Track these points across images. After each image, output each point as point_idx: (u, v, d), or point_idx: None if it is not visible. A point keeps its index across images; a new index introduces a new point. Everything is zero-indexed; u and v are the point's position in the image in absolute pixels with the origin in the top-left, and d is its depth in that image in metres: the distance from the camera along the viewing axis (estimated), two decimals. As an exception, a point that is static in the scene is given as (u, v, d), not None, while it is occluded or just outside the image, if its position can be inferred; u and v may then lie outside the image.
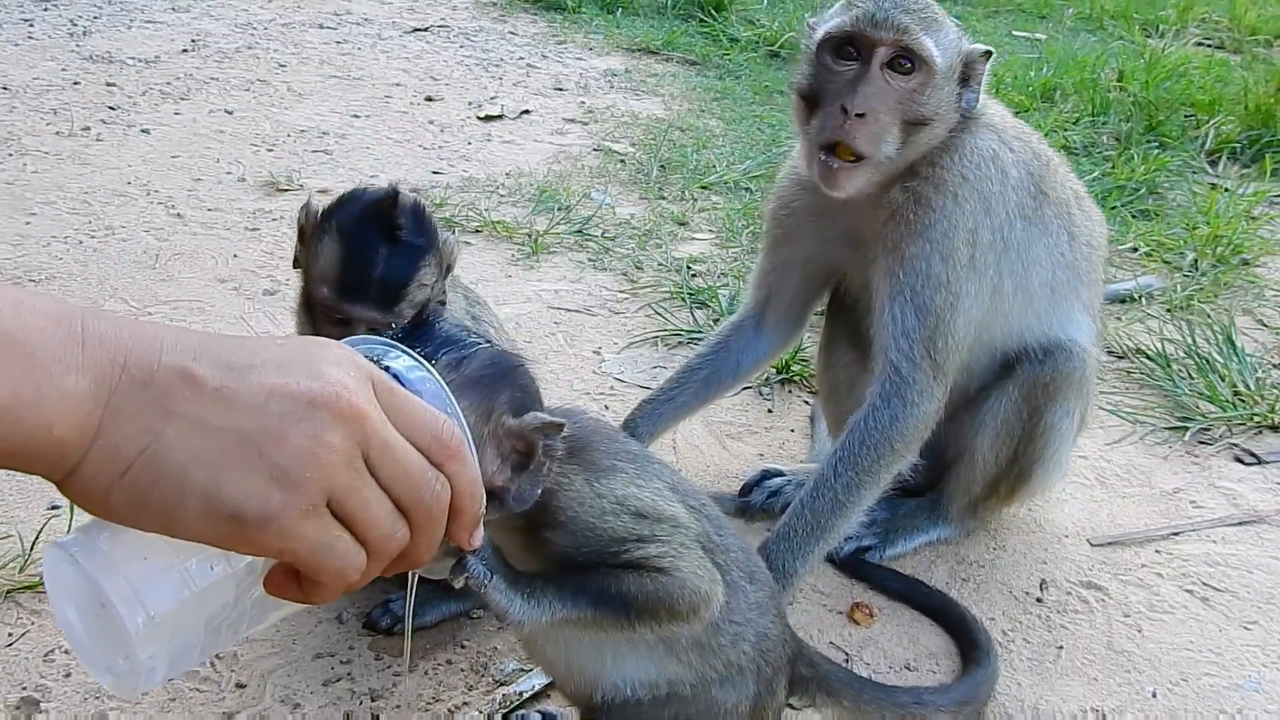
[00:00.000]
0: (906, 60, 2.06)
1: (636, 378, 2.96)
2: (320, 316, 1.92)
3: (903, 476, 2.21)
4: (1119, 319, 3.47)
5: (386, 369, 1.08)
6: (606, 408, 2.82)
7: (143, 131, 4.42)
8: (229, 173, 4.11)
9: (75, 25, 5.74)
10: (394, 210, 1.89)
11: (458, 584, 1.35)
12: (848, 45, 2.08)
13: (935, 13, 2.12)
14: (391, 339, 1.18)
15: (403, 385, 1.06)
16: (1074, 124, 5.15)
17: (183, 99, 4.83)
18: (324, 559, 0.94)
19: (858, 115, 2.03)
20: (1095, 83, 5.52)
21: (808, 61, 2.15)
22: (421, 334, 1.31)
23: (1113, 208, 4.20)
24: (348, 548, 0.94)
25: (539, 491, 1.35)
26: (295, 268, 2.03)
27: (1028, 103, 5.31)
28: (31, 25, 5.64)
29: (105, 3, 6.26)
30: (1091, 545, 2.47)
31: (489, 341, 1.39)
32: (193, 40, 5.67)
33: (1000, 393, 2.29)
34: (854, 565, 2.33)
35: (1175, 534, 2.51)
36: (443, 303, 1.99)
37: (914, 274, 2.12)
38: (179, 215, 3.73)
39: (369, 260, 1.88)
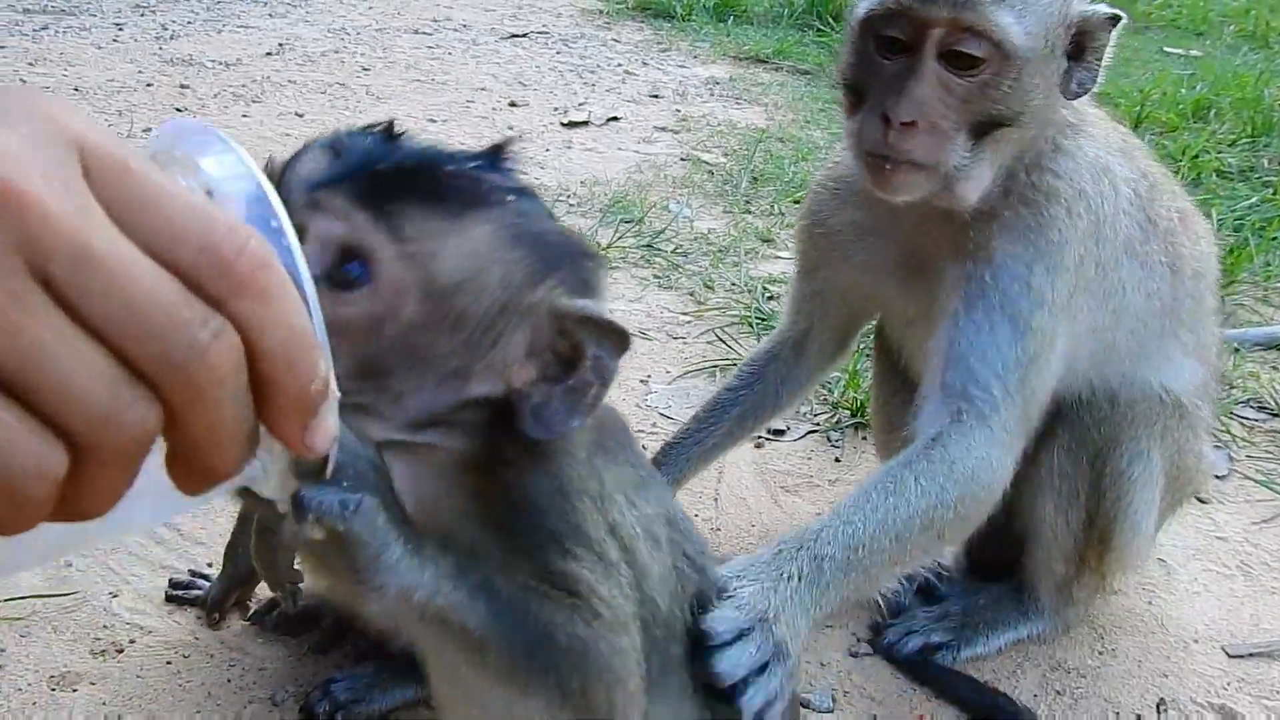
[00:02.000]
0: (973, 44, 1.50)
1: (685, 414, 2.52)
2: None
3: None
4: (1276, 368, 2.92)
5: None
6: (645, 448, 2.41)
7: (205, 133, 4.20)
8: (285, 175, 3.84)
9: (165, 30, 5.61)
10: None
11: (309, 530, 0.83)
12: (893, 28, 1.54)
13: None
14: None
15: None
16: (1230, 145, 4.56)
17: (254, 101, 4.61)
18: None
19: (904, 124, 1.52)
20: (1257, 101, 4.92)
21: (850, 44, 1.63)
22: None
23: (1273, 238, 3.62)
24: (25, 441, 0.52)
25: (574, 424, 0.95)
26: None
27: (1177, 121, 4.75)
28: (121, 29, 5.53)
29: (203, 8, 6.16)
30: (1228, 655, 1.95)
31: None
32: (280, 44, 5.48)
33: (1052, 441, 1.78)
34: (918, 666, 1.86)
35: (1339, 645, 1.98)
36: None
37: (1011, 279, 1.61)
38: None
39: None
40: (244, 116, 4.43)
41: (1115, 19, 1.59)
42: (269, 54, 5.33)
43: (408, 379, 0.92)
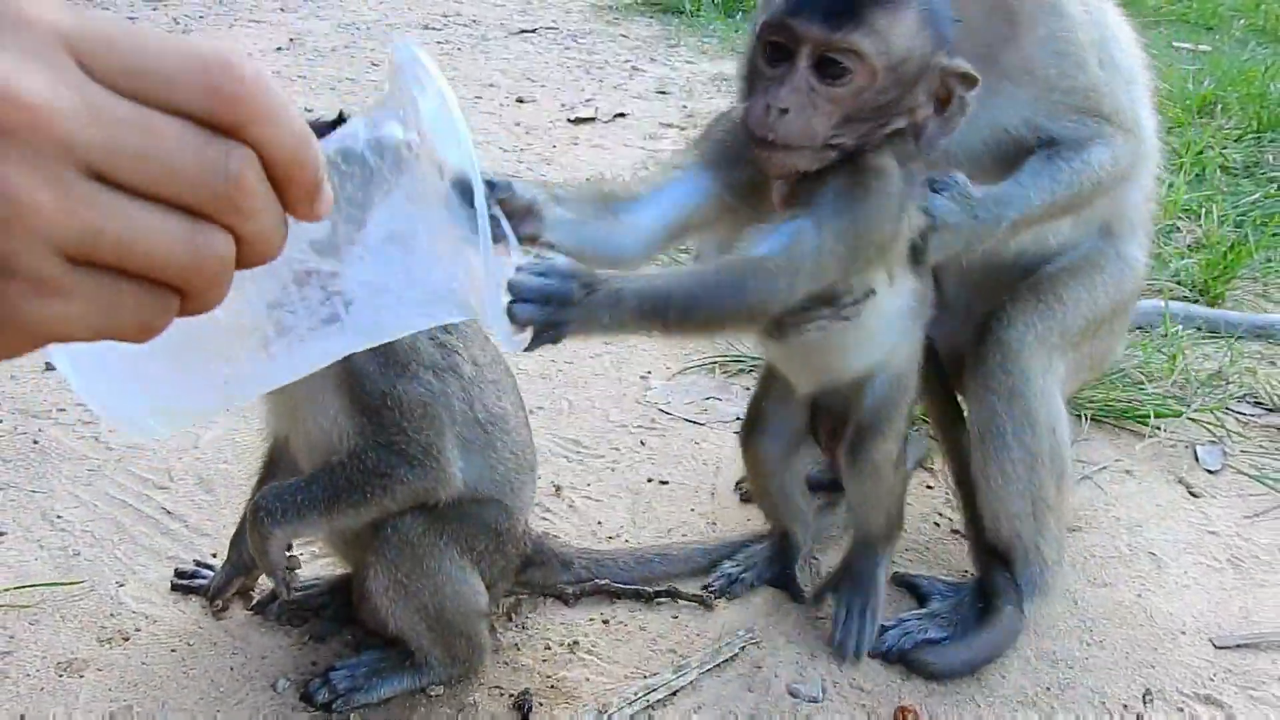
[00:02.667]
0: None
1: (683, 409, 2.58)
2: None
3: None
4: (1274, 364, 2.93)
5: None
6: (643, 443, 2.45)
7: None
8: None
9: (178, 24, 5.66)
10: None
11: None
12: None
13: None
14: None
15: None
16: (1236, 141, 4.56)
17: (265, 95, 4.65)
18: (112, 327, 0.60)
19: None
20: (1263, 96, 4.92)
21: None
22: None
23: (1274, 234, 3.63)
24: (139, 300, 0.60)
25: (945, 140, 1.52)
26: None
27: (1183, 117, 4.73)
28: (133, 23, 5.59)
29: (215, 2, 6.21)
30: (1215, 647, 1.98)
31: None
32: (290, 39, 5.53)
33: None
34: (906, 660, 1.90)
35: (1326, 638, 2.01)
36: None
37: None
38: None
39: None
40: (254, 113, 4.47)
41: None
42: (280, 49, 5.38)
43: (866, 124, 1.46)
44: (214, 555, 2.00)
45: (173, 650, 1.83)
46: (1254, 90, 4.98)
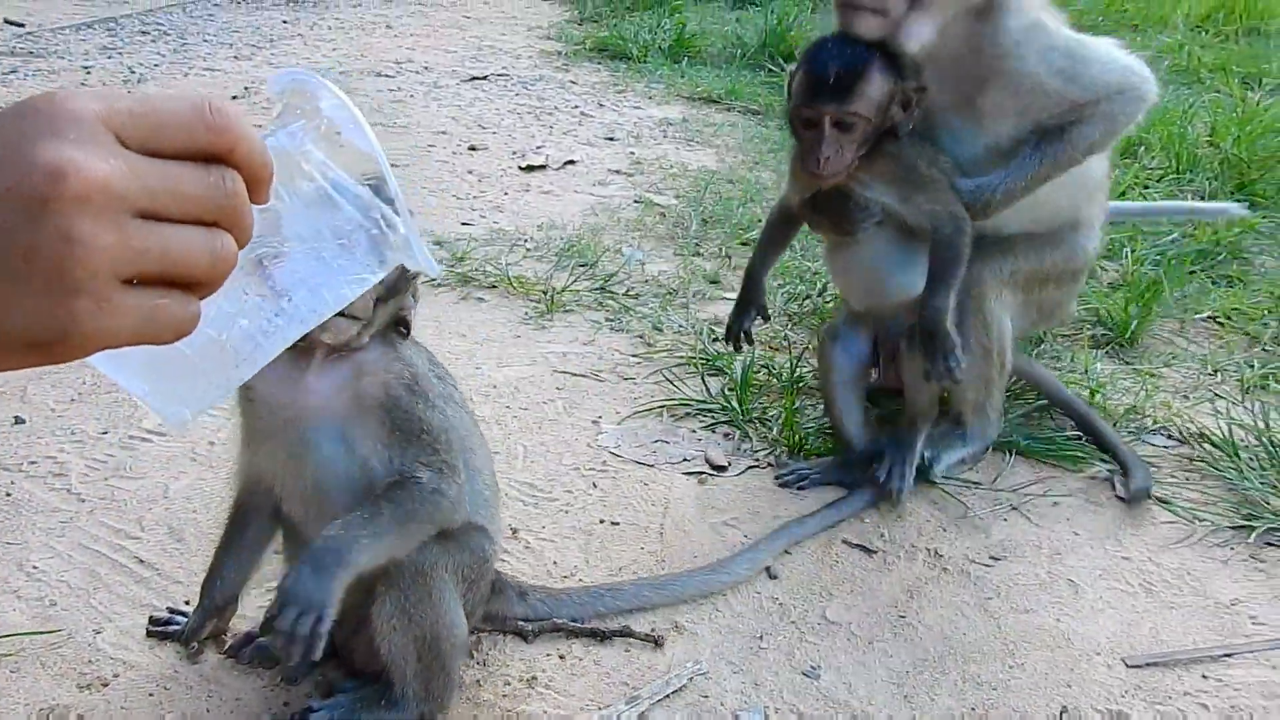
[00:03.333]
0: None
1: (633, 452, 2.71)
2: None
3: None
4: (1186, 397, 3.12)
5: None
6: (595, 485, 2.58)
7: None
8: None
9: (133, 73, 5.77)
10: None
11: None
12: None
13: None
14: None
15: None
16: (1157, 181, 4.79)
17: (222, 146, 4.75)
18: (151, 332, 0.83)
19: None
20: (1182, 137, 5.16)
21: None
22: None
23: (1190, 272, 3.85)
24: (170, 307, 0.83)
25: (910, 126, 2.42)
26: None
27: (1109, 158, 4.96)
28: (89, 72, 5.68)
29: (169, 50, 6.32)
30: (1127, 666, 2.13)
31: None
32: (246, 88, 5.64)
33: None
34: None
35: (1227, 655, 2.17)
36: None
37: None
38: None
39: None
40: (211, 164, 4.56)
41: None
42: (235, 97, 5.48)
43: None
44: (187, 602, 2.10)
45: (150, 695, 1.92)
46: (1174, 131, 5.23)
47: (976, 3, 2.43)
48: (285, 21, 7.37)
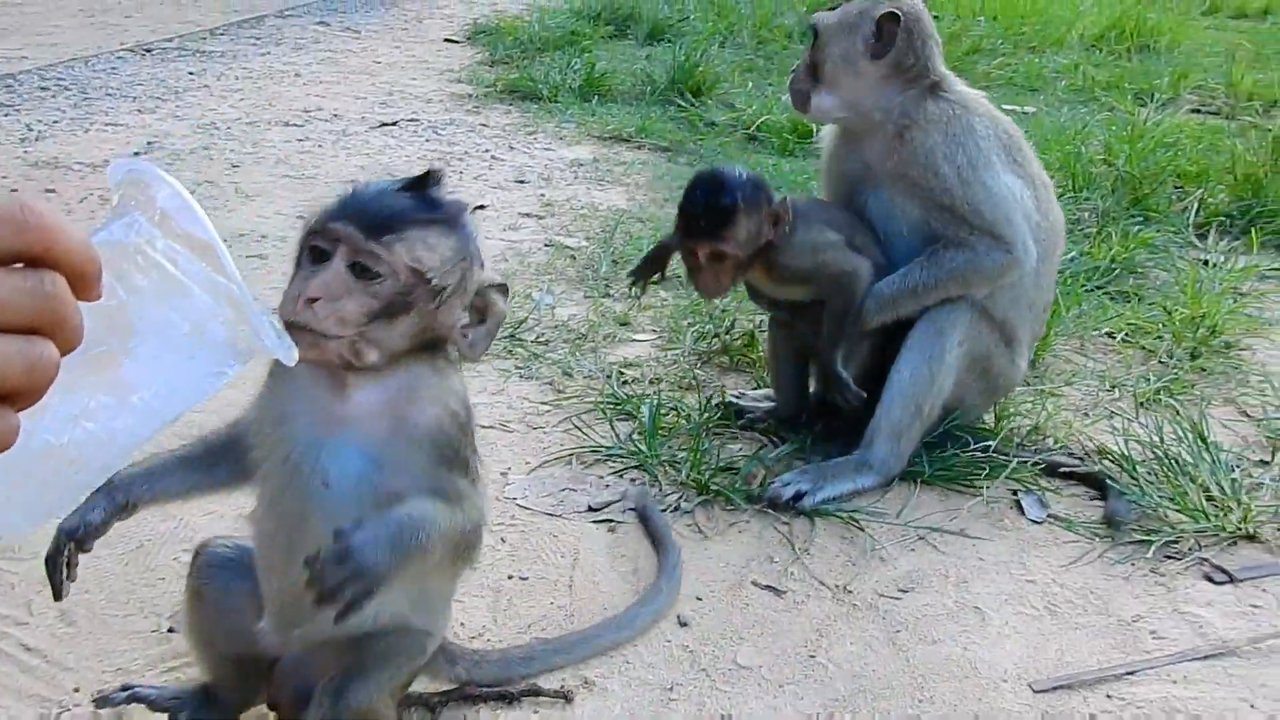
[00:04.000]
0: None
1: (541, 503, 2.70)
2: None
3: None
4: (1086, 415, 3.19)
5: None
6: (503, 540, 2.56)
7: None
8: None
9: (30, 130, 5.65)
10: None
11: None
12: None
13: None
14: None
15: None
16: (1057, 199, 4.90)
17: (122, 206, 4.68)
18: None
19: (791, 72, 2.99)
20: (1077, 156, 5.30)
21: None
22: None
23: (1085, 289, 3.94)
24: None
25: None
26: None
27: (1007, 180, 5.07)
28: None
29: (69, 105, 6.21)
30: (1034, 691, 2.16)
31: None
32: (148, 142, 5.57)
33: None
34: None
35: (1130, 673, 2.21)
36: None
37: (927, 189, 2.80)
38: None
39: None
40: (112, 226, 4.49)
41: (896, 15, 2.79)
42: (138, 153, 5.40)
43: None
44: (76, 690, 2.04)
45: (46, 786, 1.87)
46: (1070, 150, 5.36)
47: (905, 76, 2.82)
48: (191, 73, 7.29)
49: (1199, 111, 6.85)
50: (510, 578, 2.43)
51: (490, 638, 2.24)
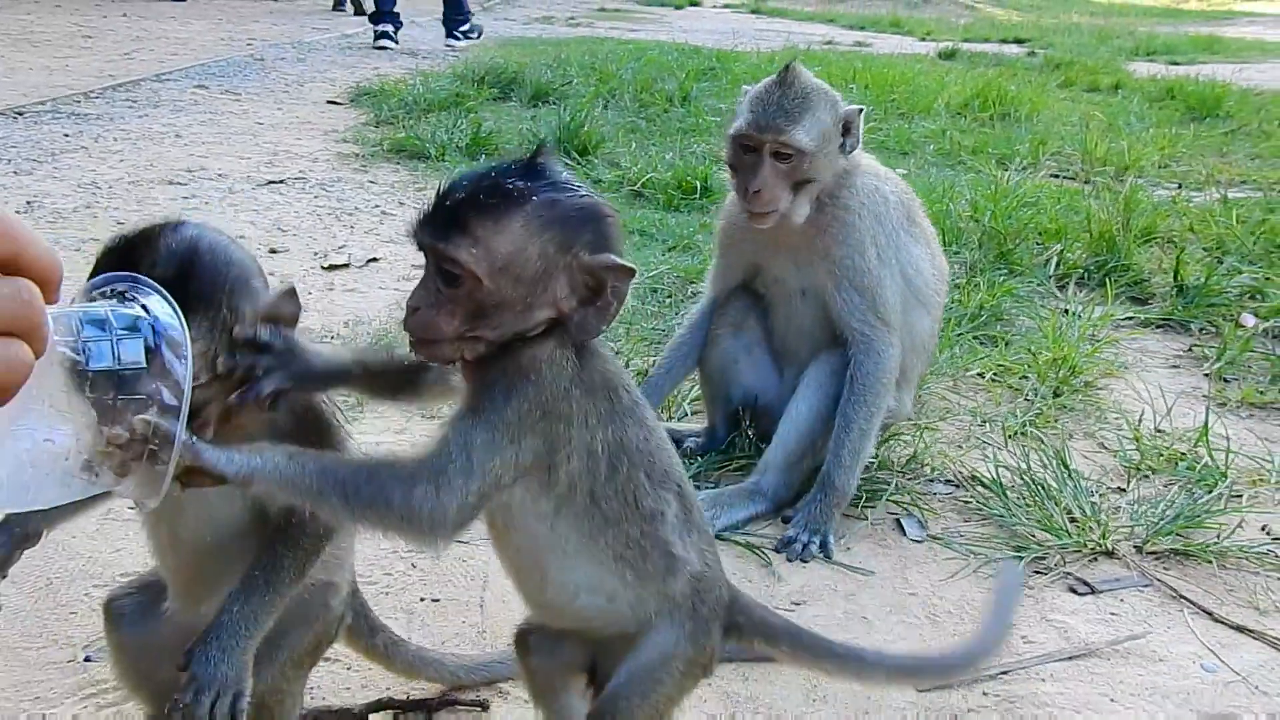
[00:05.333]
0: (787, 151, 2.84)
1: (448, 532, 2.78)
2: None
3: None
4: (960, 447, 3.41)
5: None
6: (414, 565, 2.63)
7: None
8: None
9: (-96, 190, 5.54)
10: None
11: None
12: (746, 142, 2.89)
13: (809, 102, 2.85)
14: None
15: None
16: (926, 254, 5.19)
17: (7, 259, 4.62)
18: None
19: (755, 192, 2.85)
20: (947, 213, 5.61)
21: (727, 145, 2.98)
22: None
23: (957, 334, 4.19)
24: None
25: (603, 328, 1.53)
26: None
27: (881, 235, 5.35)
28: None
29: (-59, 169, 6.09)
30: (918, 691, 2.32)
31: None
32: (28, 202, 5.49)
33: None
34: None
35: (1004, 673, 2.38)
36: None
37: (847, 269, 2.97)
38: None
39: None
40: (-3, 277, 4.43)
41: (861, 110, 2.95)
42: (18, 212, 5.32)
43: (497, 316, 1.48)
44: (-6, 714, 2.05)
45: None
46: (940, 208, 5.68)
47: (837, 170, 2.96)
48: (67, 135, 7.20)
49: (1057, 176, 7.29)
50: (422, 600, 2.50)
51: (403, 655, 2.30)
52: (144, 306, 1.22)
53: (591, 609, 1.65)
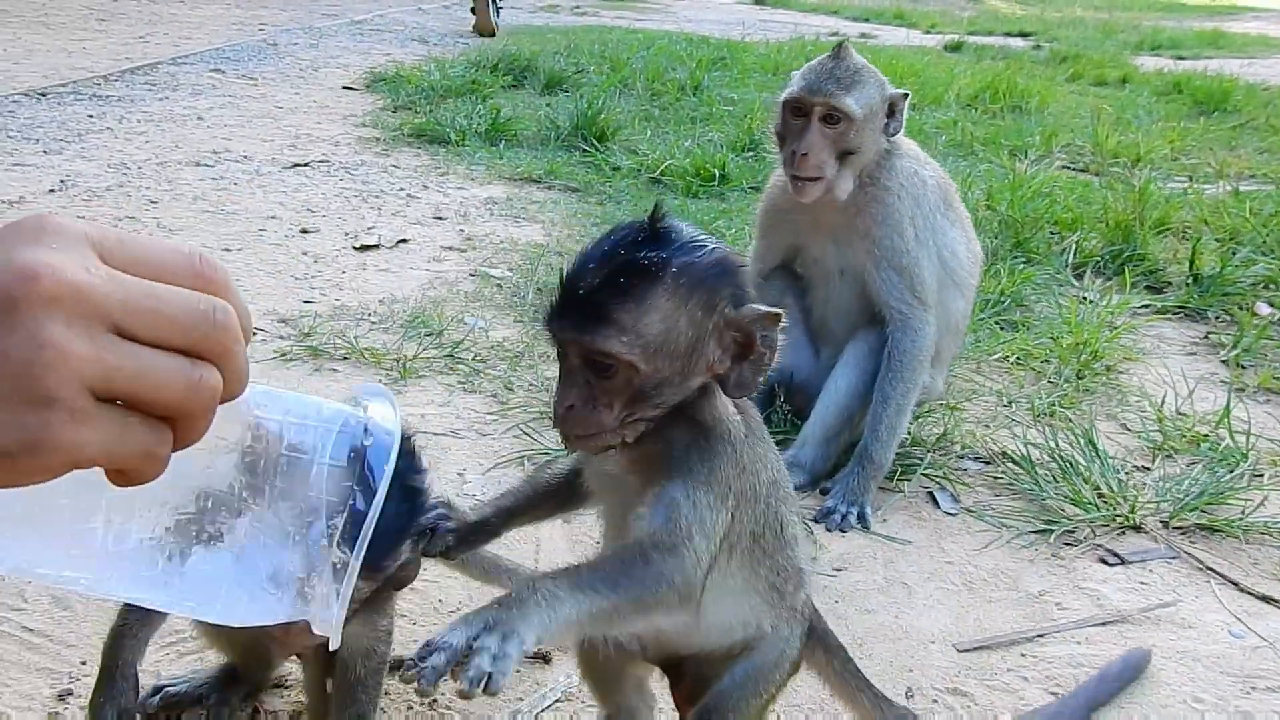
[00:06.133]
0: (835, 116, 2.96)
1: (499, 499, 2.87)
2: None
3: None
4: (987, 426, 3.50)
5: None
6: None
7: None
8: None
9: (-61, 168, 5.62)
10: None
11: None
12: (797, 106, 3.01)
13: (860, 75, 2.98)
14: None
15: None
16: (944, 242, 5.28)
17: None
18: (122, 452, 0.80)
19: (803, 154, 2.96)
20: (963, 202, 5.69)
21: (777, 113, 3.09)
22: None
23: (980, 318, 4.28)
24: (144, 430, 0.81)
25: (760, 380, 1.47)
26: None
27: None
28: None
29: (-29, 148, 6.17)
30: (958, 651, 2.42)
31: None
32: (61, 181, 5.57)
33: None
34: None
35: (1040, 636, 2.48)
36: None
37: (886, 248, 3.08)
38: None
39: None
40: (37, 253, 4.51)
41: (907, 94, 3.10)
42: (52, 190, 5.41)
43: (657, 395, 1.43)
44: (84, 663, 2.14)
45: (54, 752, 1.96)
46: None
47: (880, 149, 3.06)
48: (91, 116, 7.28)
49: (1069, 167, 7.39)
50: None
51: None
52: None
53: (737, 639, 1.65)
